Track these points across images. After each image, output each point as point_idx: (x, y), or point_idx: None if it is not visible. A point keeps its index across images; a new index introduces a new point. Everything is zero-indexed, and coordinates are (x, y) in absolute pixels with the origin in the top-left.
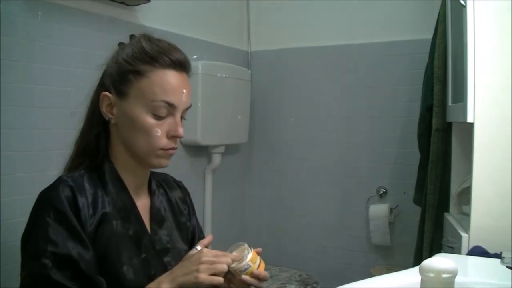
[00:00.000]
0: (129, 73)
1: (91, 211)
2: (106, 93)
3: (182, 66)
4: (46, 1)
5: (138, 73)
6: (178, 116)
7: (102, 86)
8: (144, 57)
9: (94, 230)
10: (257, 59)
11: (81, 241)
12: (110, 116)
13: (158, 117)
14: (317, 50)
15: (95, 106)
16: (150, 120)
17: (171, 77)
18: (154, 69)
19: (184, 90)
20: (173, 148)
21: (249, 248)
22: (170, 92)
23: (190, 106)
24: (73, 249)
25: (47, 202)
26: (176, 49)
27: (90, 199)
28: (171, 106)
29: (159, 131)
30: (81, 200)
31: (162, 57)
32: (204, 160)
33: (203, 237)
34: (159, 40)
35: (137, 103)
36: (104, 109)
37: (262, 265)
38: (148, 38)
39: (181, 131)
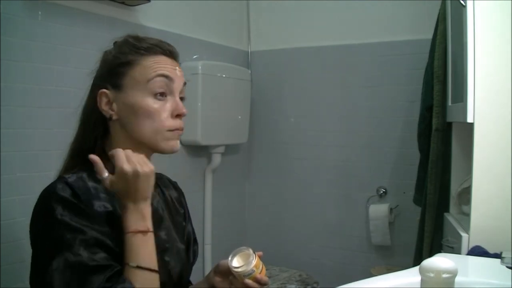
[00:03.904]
0: (120, 66)
1: (95, 205)
2: (104, 90)
3: (172, 54)
4: (46, 1)
5: (130, 63)
6: (177, 95)
7: (96, 88)
8: (133, 49)
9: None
10: (257, 59)
11: (98, 222)
12: (111, 112)
13: (158, 97)
14: (317, 50)
15: (91, 109)
16: (151, 103)
17: (163, 59)
18: (145, 57)
19: (177, 68)
20: (179, 129)
21: (254, 254)
22: (164, 68)
23: (185, 83)
24: (96, 230)
25: (53, 199)
26: (164, 41)
27: (93, 197)
28: (168, 79)
29: (163, 113)
30: (84, 198)
31: (152, 47)
32: (204, 160)
33: (196, 243)
34: (145, 37)
35: (135, 89)
36: (103, 107)
37: (264, 270)
38: (135, 37)
39: (183, 108)
